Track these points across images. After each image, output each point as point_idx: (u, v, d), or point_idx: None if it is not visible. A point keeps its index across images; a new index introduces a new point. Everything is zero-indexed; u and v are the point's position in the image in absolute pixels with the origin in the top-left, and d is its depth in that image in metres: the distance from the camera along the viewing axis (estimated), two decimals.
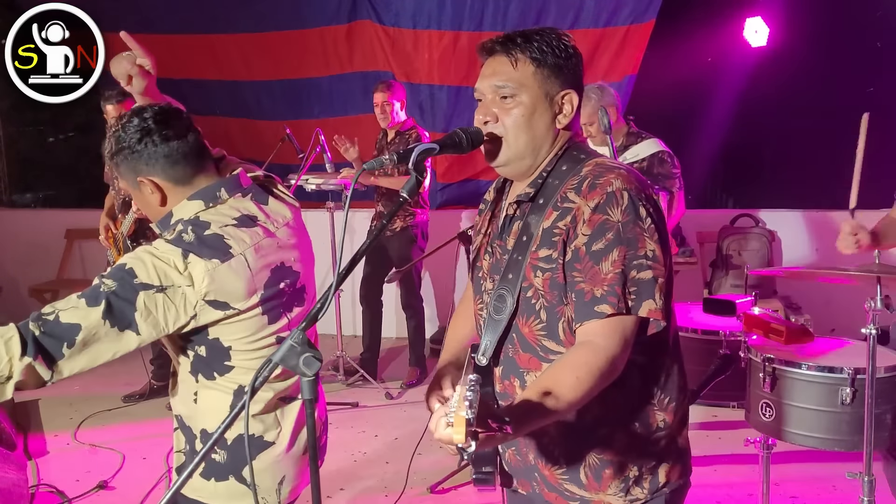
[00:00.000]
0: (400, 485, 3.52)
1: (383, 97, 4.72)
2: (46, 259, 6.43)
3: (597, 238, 1.42)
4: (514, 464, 1.60)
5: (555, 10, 5.58)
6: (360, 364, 4.94)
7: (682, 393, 1.58)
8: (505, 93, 1.48)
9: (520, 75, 1.48)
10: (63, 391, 4.92)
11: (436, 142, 1.49)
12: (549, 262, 1.46)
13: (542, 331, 1.49)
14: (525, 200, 1.53)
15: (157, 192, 1.76)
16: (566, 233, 1.45)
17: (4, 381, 1.57)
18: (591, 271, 1.41)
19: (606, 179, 1.44)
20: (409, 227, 4.73)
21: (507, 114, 1.49)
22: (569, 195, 1.47)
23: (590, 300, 1.40)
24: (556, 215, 1.47)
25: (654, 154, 3.73)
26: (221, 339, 1.74)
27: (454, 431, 1.08)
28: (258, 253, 1.75)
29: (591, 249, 1.42)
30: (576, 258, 1.43)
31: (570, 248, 1.44)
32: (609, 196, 1.42)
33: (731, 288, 5.13)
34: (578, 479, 1.51)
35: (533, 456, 1.55)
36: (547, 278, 1.46)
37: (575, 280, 1.43)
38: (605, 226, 1.41)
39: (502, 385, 1.56)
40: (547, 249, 1.47)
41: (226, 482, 1.80)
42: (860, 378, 2.50)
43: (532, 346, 1.51)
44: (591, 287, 1.41)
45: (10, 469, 3.45)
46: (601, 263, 1.41)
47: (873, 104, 5.94)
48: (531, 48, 1.48)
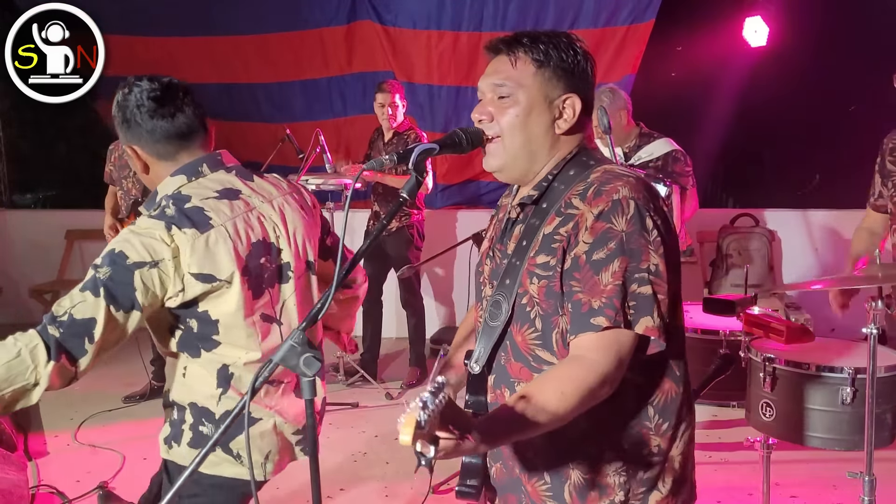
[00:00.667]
0: (400, 485, 3.52)
1: (389, 98, 4.71)
2: (46, 260, 6.43)
3: (598, 247, 1.36)
4: (499, 478, 1.55)
5: (554, 10, 5.58)
6: (360, 364, 4.94)
7: (684, 421, 1.49)
8: (502, 92, 1.45)
9: (518, 75, 1.45)
10: (63, 391, 4.92)
11: (435, 142, 1.48)
12: (547, 269, 1.41)
13: (536, 340, 1.44)
14: (528, 203, 1.49)
15: (139, 161, 1.84)
16: (567, 239, 1.39)
17: (31, 388, 1.63)
18: (590, 281, 1.35)
19: (613, 186, 1.39)
20: (404, 227, 4.73)
21: (502, 113, 1.45)
22: (573, 201, 1.42)
23: (586, 312, 1.34)
24: (559, 221, 1.42)
25: (668, 153, 3.75)
26: (210, 313, 1.77)
27: (401, 431, 1.05)
28: (239, 225, 1.78)
29: (592, 259, 1.36)
30: (575, 267, 1.38)
31: (569, 256, 1.39)
32: (615, 204, 1.36)
33: (731, 287, 5.13)
34: (562, 497, 1.45)
35: (518, 469, 1.49)
36: (543, 286, 1.41)
37: (573, 290, 1.37)
38: (608, 234, 1.35)
39: (494, 394, 1.51)
40: (545, 256, 1.41)
41: (213, 452, 1.81)
42: (860, 378, 2.49)
43: (524, 356, 1.46)
44: (589, 298, 1.34)
45: (11, 470, 3.45)
46: (601, 274, 1.35)
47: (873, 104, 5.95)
48: (535, 49, 1.45)
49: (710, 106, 6.45)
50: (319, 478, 1.37)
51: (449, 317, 5.92)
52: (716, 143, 6.40)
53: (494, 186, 6.15)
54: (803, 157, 6.86)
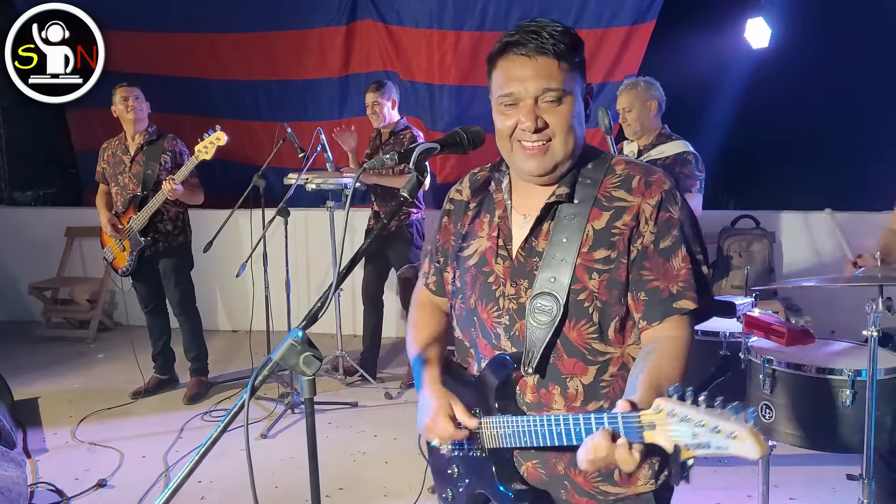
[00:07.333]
0: (400, 485, 3.52)
1: (373, 97, 4.74)
2: (47, 257, 6.44)
3: (663, 235, 1.43)
4: (534, 476, 1.54)
5: (557, 11, 5.58)
6: (360, 364, 4.94)
7: None
8: (551, 96, 1.42)
9: (565, 77, 1.43)
10: (63, 391, 4.93)
11: (436, 141, 1.48)
12: (608, 263, 1.44)
13: (592, 334, 1.45)
14: (563, 201, 1.48)
15: None
16: (629, 231, 1.43)
17: None
18: (662, 268, 1.43)
19: (658, 178, 1.47)
20: (404, 226, 4.73)
21: (555, 116, 1.44)
22: (615, 193, 1.46)
23: (667, 298, 1.42)
24: (610, 215, 1.45)
25: (679, 153, 3.72)
26: None
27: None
28: None
29: (660, 247, 1.43)
30: (644, 256, 1.43)
31: (634, 247, 1.44)
32: (668, 194, 1.45)
33: (732, 289, 5.12)
34: (612, 478, 1.50)
35: (563, 466, 1.51)
36: (604, 279, 1.44)
37: (644, 279, 1.43)
38: (670, 223, 1.44)
39: (537, 395, 1.49)
40: (605, 250, 1.44)
41: None
42: (860, 380, 2.49)
43: (579, 350, 1.46)
44: (667, 284, 1.42)
45: (10, 467, 3.45)
46: (672, 260, 1.43)
47: (874, 105, 5.95)
48: (562, 46, 1.42)
49: (711, 107, 6.43)
50: (319, 477, 1.37)
51: None
52: (717, 144, 6.38)
53: None
54: (804, 158, 6.84)
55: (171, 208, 4.51)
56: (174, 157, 4.50)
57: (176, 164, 4.47)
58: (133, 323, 5.61)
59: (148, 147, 4.51)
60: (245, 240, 5.07)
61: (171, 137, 4.56)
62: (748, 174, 7.51)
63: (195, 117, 6.13)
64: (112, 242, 4.58)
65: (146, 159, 4.47)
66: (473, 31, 5.83)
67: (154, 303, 4.76)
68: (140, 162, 4.48)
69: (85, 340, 6.00)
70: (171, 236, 4.56)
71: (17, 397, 4.50)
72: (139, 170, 4.46)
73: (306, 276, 5.98)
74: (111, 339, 6.08)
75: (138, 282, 4.70)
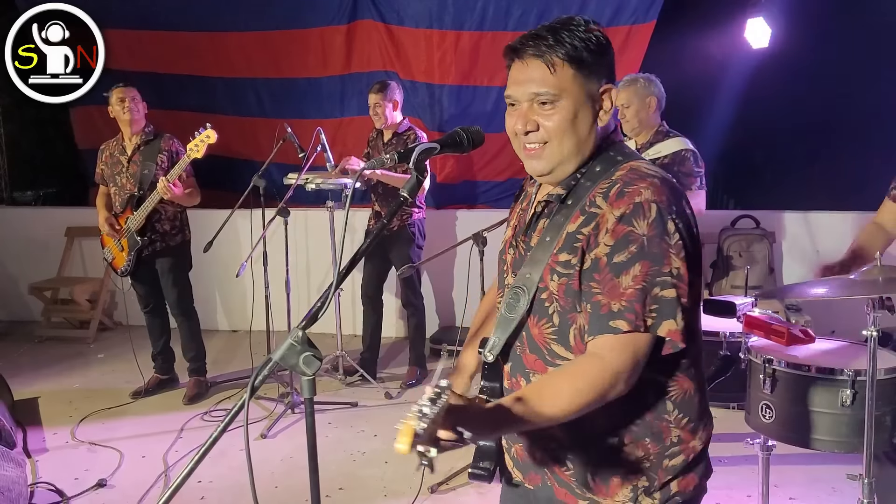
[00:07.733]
0: (399, 485, 3.52)
1: (375, 99, 4.73)
2: (47, 257, 6.43)
3: (619, 250, 1.36)
4: (522, 459, 1.58)
5: (557, 10, 5.57)
6: (359, 364, 4.94)
7: (704, 415, 1.53)
8: (544, 99, 1.42)
9: (558, 80, 1.41)
10: (63, 390, 4.93)
11: (436, 141, 1.49)
12: (567, 268, 1.42)
13: (552, 334, 1.46)
14: (552, 201, 1.49)
15: None
16: (587, 240, 1.40)
17: None
18: (609, 283, 1.36)
19: (636, 188, 1.38)
20: (405, 226, 4.73)
21: (548, 120, 1.43)
22: (596, 199, 1.42)
23: (605, 314, 1.35)
24: (582, 220, 1.42)
25: (676, 152, 3.70)
26: None
27: (397, 440, 1.05)
28: None
29: (613, 261, 1.36)
30: (594, 268, 1.38)
31: (589, 257, 1.39)
32: (636, 207, 1.36)
33: (732, 289, 5.12)
34: (586, 482, 1.48)
35: (540, 457, 1.53)
36: (563, 283, 1.42)
37: (592, 291, 1.38)
38: (629, 238, 1.35)
39: (510, 382, 1.54)
40: (567, 254, 1.42)
41: None
42: (860, 380, 2.49)
43: (539, 349, 1.48)
44: (609, 300, 1.35)
45: (10, 467, 3.45)
46: (621, 277, 1.35)
47: (874, 106, 5.95)
48: (565, 47, 1.41)
49: (711, 107, 6.44)
50: (318, 477, 1.37)
51: (449, 316, 5.92)
52: (717, 144, 6.38)
53: (493, 186, 6.16)
54: (805, 158, 6.85)
55: (169, 208, 4.52)
56: (171, 156, 4.50)
57: (173, 164, 4.47)
58: (133, 323, 5.60)
59: (145, 147, 4.51)
60: (245, 240, 5.07)
61: (167, 137, 4.56)
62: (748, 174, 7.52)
63: (197, 114, 6.12)
64: (111, 242, 4.58)
65: (143, 159, 4.47)
66: (473, 31, 5.83)
67: (153, 303, 4.77)
68: (137, 162, 4.49)
69: (85, 340, 6.00)
70: (168, 236, 4.56)
71: (17, 397, 4.50)
72: (136, 170, 4.47)
73: (306, 276, 5.98)
74: (111, 339, 6.07)
75: (137, 282, 4.70)
